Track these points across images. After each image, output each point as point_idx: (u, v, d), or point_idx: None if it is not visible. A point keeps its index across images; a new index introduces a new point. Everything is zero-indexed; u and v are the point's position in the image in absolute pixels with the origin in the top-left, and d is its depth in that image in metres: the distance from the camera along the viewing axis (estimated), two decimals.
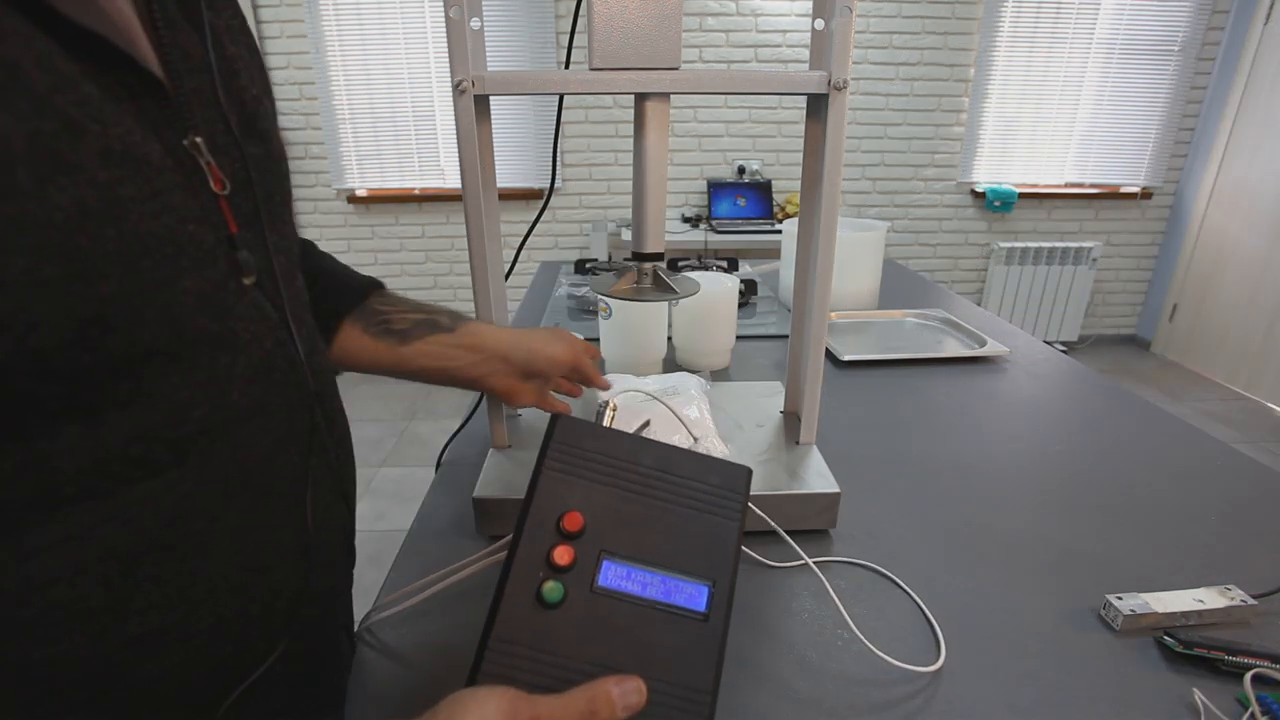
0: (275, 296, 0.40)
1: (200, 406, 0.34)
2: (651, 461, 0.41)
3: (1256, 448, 2.68)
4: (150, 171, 0.31)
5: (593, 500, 0.39)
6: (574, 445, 0.40)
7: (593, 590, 0.37)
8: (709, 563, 0.39)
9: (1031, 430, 0.87)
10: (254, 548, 0.39)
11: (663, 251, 0.65)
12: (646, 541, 0.39)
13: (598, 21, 0.54)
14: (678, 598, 0.38)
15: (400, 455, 2.62)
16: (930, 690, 0.48)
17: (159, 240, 0.31)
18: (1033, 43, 3.25)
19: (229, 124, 0.37)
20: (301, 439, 0.42)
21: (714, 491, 0.41)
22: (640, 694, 0.35)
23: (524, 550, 0.38)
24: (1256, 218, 3.11)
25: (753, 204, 3.27)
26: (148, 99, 0.32)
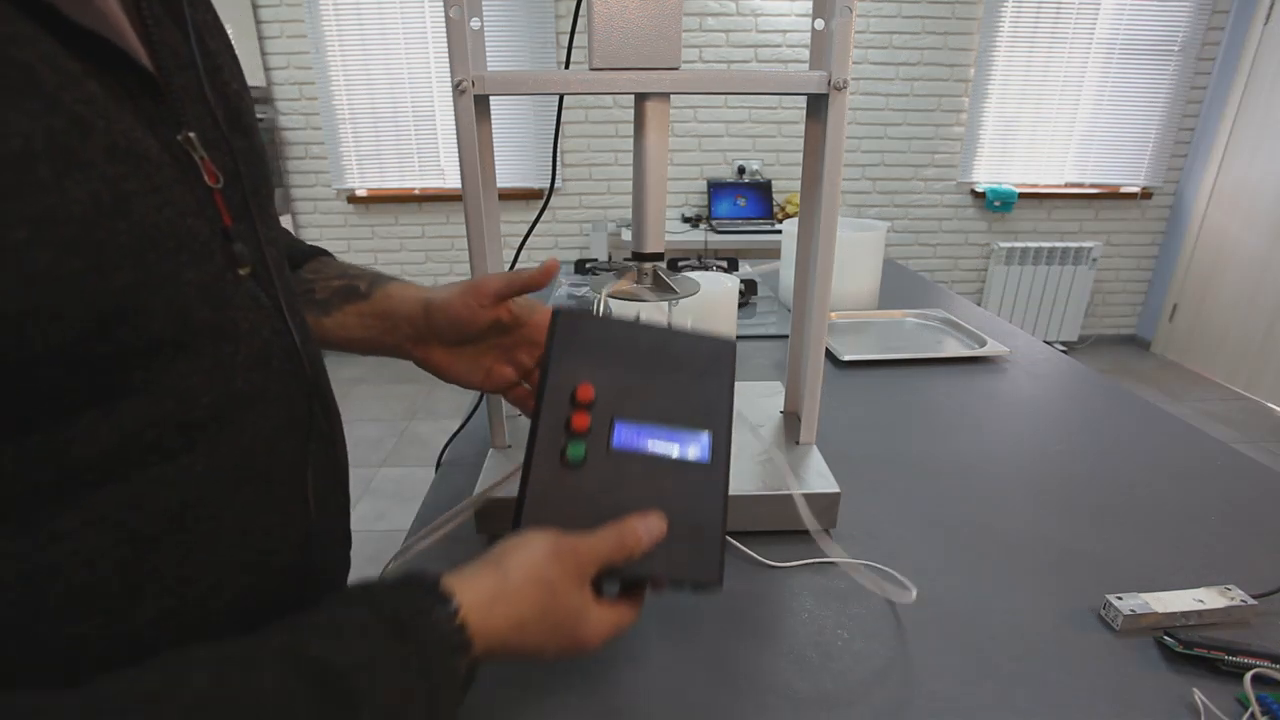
0: (269, 287, 0.41)
1: (208, 393, 0.35)
2: (647, 339, 0.47)
3: (1256, 448, 2.68)
4: (150, 167, 0.32)
5: (599, 375, 0.45)
6: (577, 333, 0.46)
7: (609, 450, 0.43)
8: (707, 418, 0.46)
9: (1031, 430, 0.87)
10: (260, 530, 0.40)
11: (663, 251, 0.65)
12: (651, 405, 0.45)
13: (598, 21, 0.54)
14: (684, 448, 0.45)
15: (400, 455, 2.63)
16: (930, 690, 0.48)
17: (162, 234, 0.32)
18: (1033, 43, 3.26)
19: (216, 119, 0.38)
20: (301, 425, 0.43)
21: (705, 359, 0.47)
22: (661, 526, 0.42)
23: (545, 421, 0.43)
24: (1256, 218, 3.11)
25: (753, 204, 3.27)
26: (144, 97, 0.33)
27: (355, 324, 0.58)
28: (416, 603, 0.35)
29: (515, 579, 0.37)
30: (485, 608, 0.36)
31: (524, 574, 0.37)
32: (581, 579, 0.39)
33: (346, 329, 0.59)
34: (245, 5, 3.07)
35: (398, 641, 0.33)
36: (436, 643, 0.34)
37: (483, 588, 0.36)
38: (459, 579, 0.37)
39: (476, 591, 0.36)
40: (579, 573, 0.39)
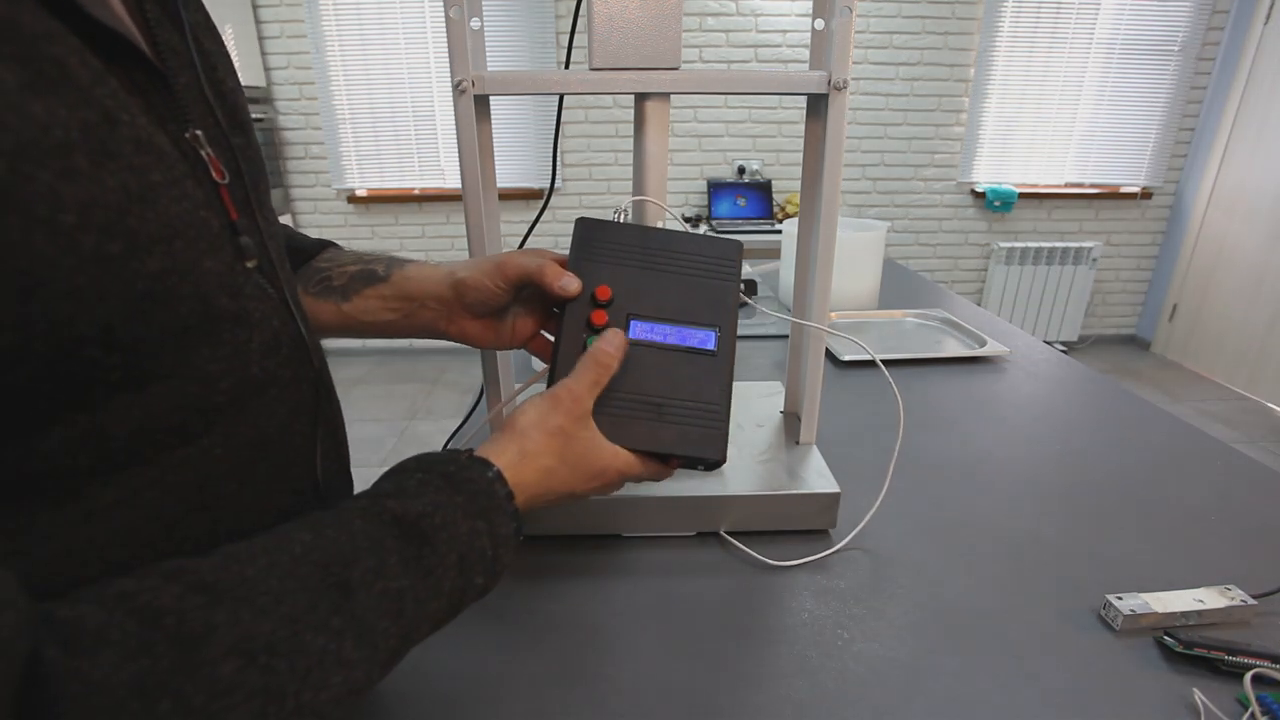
0: (274, 279, 0.42)
1: (227, 378, 0.37)
2: (659, 243, 0.52)
3: (1256, 448, 2.68)
4: (168, 161, 0.33)
5: (617, 277, 0.51)
6: (596, 238, 0.52)
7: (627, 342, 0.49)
8: (714, 314, 0.51)
9: (1031, 430, 0.87)
10: (276, 510, 0.42)
11: None
12: (664, 303, 0.51)
13: (598, 21, 0.54)
14: (692, 341, 0.50)
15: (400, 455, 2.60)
16: (930, 690, 0.48)
17: (184, 223, 0.33)
18: (1033, 43, 3.26)
19: (217, 118, 0.40)
20: (309, 409, 0.45)
21: (712, 260, 0.52)
22: (618, 336, 0.48)
23: (569, 317, 0.50)
24: (1256, 218, 3.11)
25: (753, 204, 3.27)
26: (153, 94, 0.35)
27: (377, 306, 0.58)
28: (465, 464, 0.40)
29: (533, 436, 0.43)
30: (516, 465, 0.41)
31: (538, 430, 0.43)
32: (583, 414, 0.45)
33: (369, 312, 0.59)
34: (245, 5, 3.07)
35: (454, 492, 0.38)
36: (486, 493, 0.39)
37: (509, 450, 0.42)
38: (488, 449, 0.42)
39: (505, 454, 0.42)
40: (579, 409, 0.45)
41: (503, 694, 0.48)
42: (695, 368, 0.49)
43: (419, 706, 0.47)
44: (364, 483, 0.42)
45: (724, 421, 0.49)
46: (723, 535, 0.64)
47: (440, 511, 0.37)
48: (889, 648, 0.52)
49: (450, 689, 0.49)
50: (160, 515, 0.35)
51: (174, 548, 0.36)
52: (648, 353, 0.49)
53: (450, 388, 3.19)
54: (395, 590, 0.34)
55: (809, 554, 0.62)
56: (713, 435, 0.48)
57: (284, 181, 3.38)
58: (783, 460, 0.69)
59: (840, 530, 0.66)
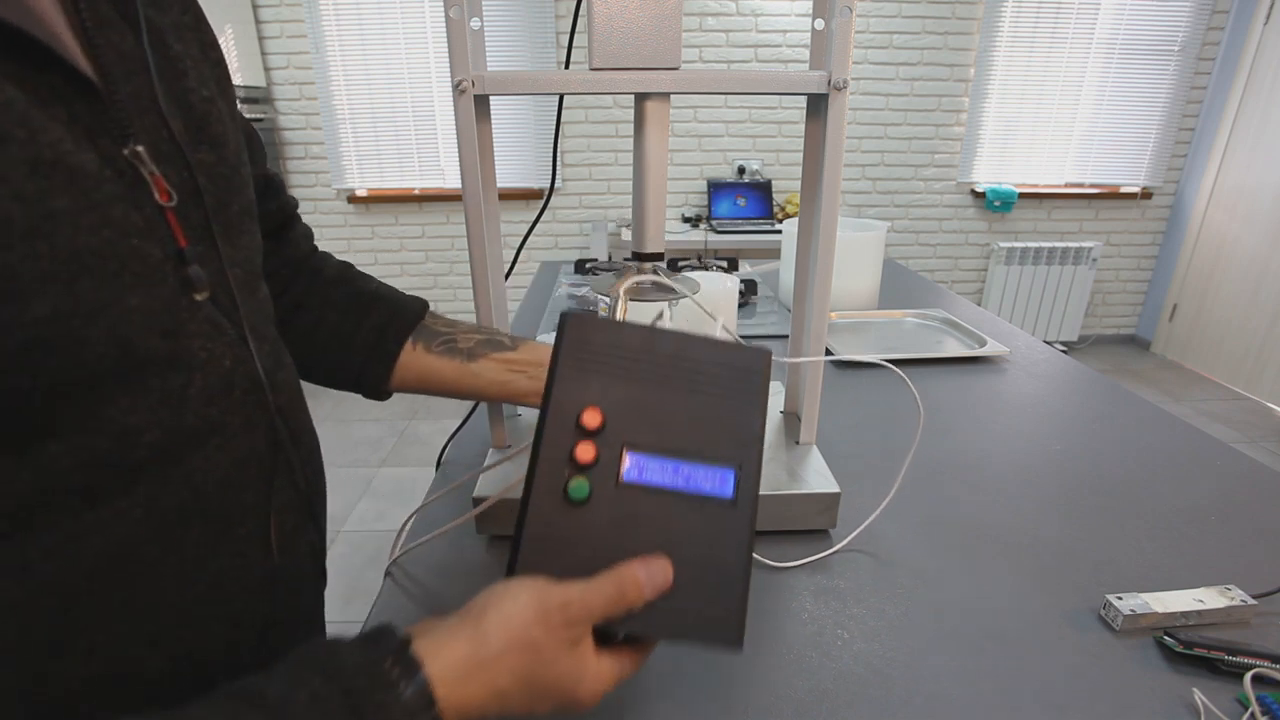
0: (231, 311, 0.38)
1: (152, 430, 0.32)
2: (667, 350, 0.40)
3: (1256, 448, 2.68)
4: (87, 182, 0.29)
5: (611, 394, 0.39)
6: (587, 341, 0.40)
7: (618, 484, 0.38)
8: (734, 447, 0.39)
9: (1031, 430, 0.86)
10: (213, 577, 0.37)
11: (663, 251, 0.65)
12: (668, 431, 0.39)
13: (598, 21, 0.54)
14: (704, 484, 0.39)
15: (400, 455, 2.62)
16: (930, 690, 0.48)
17: (99, 256, 0.29)
18: (1033, 43, 3.25)
19: (172, 131, 0.35)
20: (264, 459, 0.40)
21: (734, 375, 0.41)
22: (666, 574, 0.35)
23: (546, 451, 0.38)
24: (1256, 218, 3.11)
25: (753, 204, 3.27)
26: (79, 104, 0.30)
27: (498, 369, 0.58)
28: (381, 675, 0.29)
29: (495, 644, 0.31)
30: (459, 679, 0.30)
31: (505, 638, 0.32)
32: (572, 639, 0.33)
33: (493, 373, 0.59)
34: (245, 5, 3.07)
35: None
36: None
37: (457, 655, 0.31)
38: (432, 643, 0.31)
39: (449, 660, 0.31)
40: (569, 633, 0.33)
41: None
42: (708, 522, 0.38)
43: None
44: (362, 483, 0.41)
45: (743, 597, 0.37)
46: None
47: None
48: (889, 648, 0.52)
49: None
50: (57, 590, 0.30)
51: (74, 627, 0.31)
52: (646, 499, 0.38)
53: None
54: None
55: (809, 555, 0.62)
56: (727, 616, 0.37)
57: (284, 182, 3.37)
58: (783, 460, 0.69)
59: (840, 530, 0.66)
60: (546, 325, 1.22)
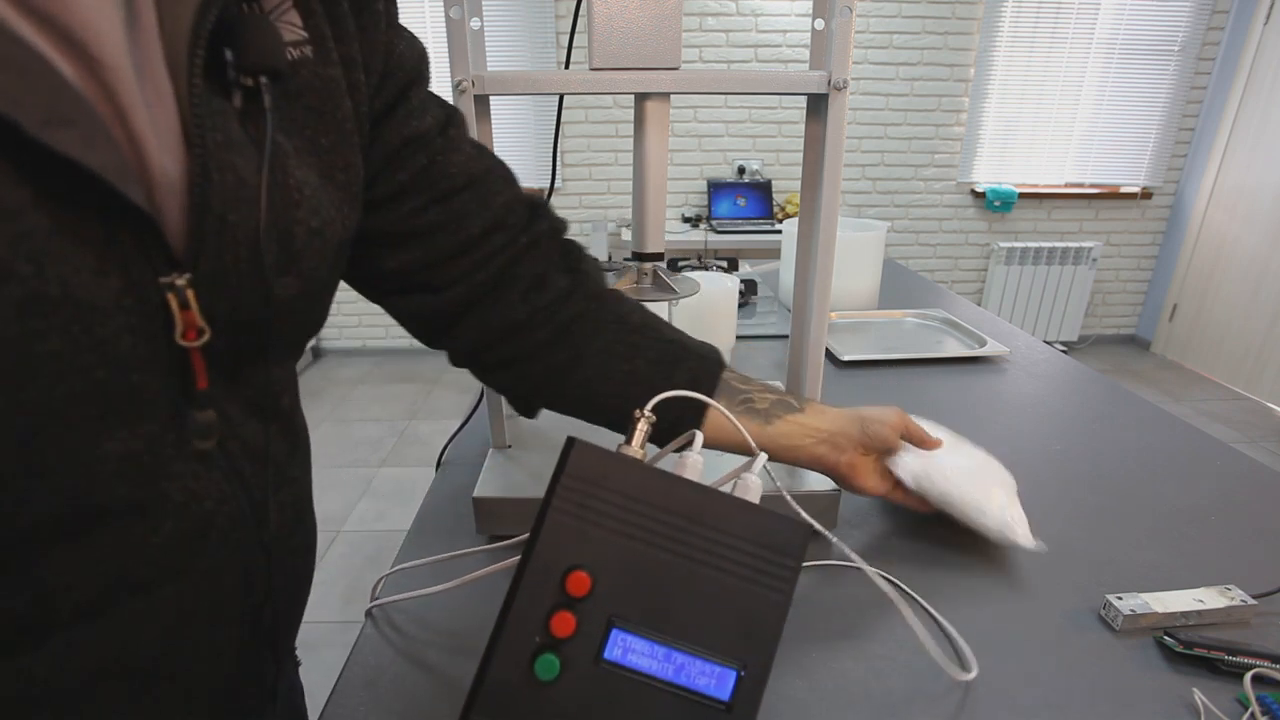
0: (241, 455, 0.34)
1: (85, 588, 0.28)
2: (685, 508, 0.34)
3: (1256, 448, 2.68)
4: (92, 318, 0.25)
5: (607, 554, 0.33)
6: (590, 480, 0.33)
7: (597, 664, 0.32)
8: (742, 642, 0.33)
9: (1031, 430, 0.86)
10: None
11: (663, 251, 0.65)
12: (667, 609, 0.33)
13: (598, 21, 0.54)
14: (698, 681, 0.32)
15: (400, 455, 2.63)
16: (930, 690, 0.48)
17: (80, 399, 0.25)
18: (1033, 43, 3.26)
19: (261, 259, 0.31)
20: (224, 603, 0.34)
21: (761, 552, 0.34)
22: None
23: (518, 611, 0.32)
24: (1256, 218, 3.11)
25: (753, 204, 3.27)
26: (123, 230, 0.26)
27: (795, 434, 0.56)
28: None
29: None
30: None
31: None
32: None
33: (787, 438, 0.56)
34: None
35: None
36: None
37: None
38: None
39: None
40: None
41: None
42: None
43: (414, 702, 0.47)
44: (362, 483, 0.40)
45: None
46: None
47: None
48: (889, 648, 0.52)
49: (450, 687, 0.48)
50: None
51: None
52: (626, 687, 0.32)
53: (450, 388, 3.19)
54: None
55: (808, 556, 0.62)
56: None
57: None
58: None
59: (840, 531, 0.66)
60: None
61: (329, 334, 3.57)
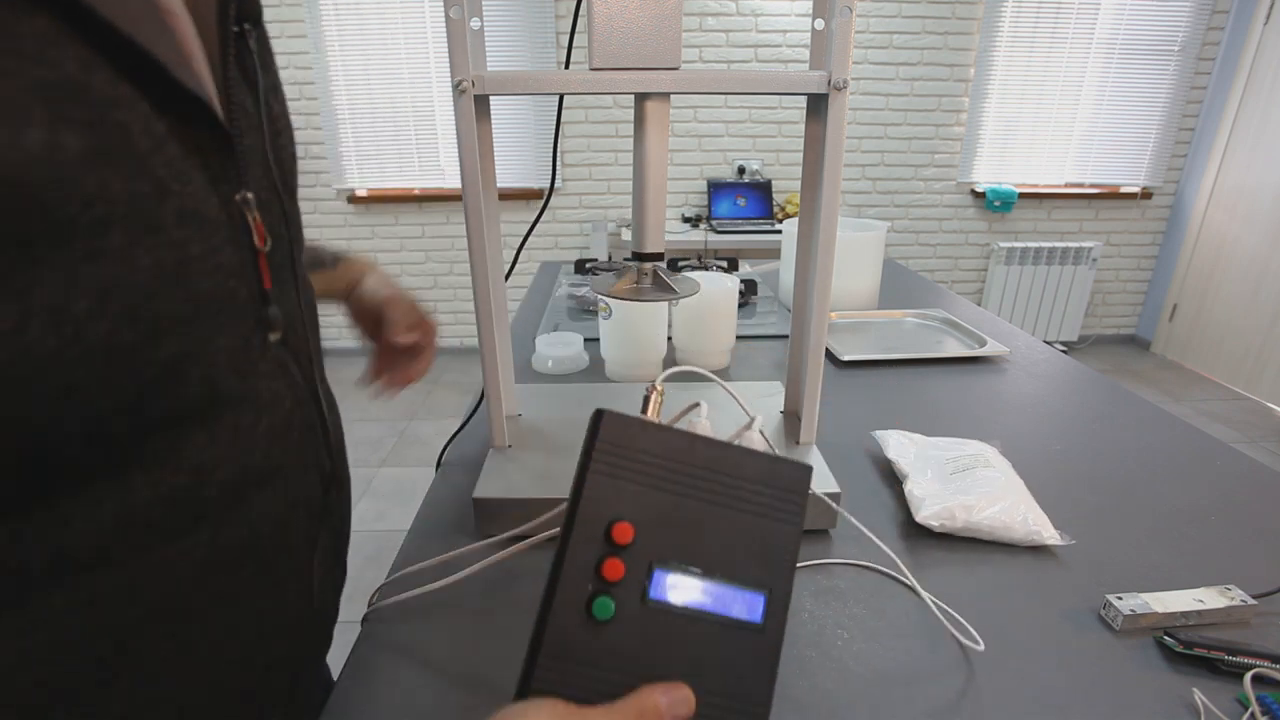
0: (300, 353, 0.40)
1: (223, 468, 0.33)
2: (704, 461, 0.38)
3: (1256, 448, 2.68)
4: (210, 229, 0.31)
5: (642, 505, 0.37)
6: (620, 444, 0.37)
7: (644, 602, 0.36)
8: (766, 570, 0.38)
9: (1031, 430, 0.87)
10: (255, 617, 0.38)
11: (663, 251, 0.65)
12: (699, 549, 0.37)
13: (598, 21, 0.54)
14: (733, 608, 0.37)
15: (400, 455, 2.62)
16: (930, 690, 0.48)
17: (210, 298, 0.31)
18: (1033, 43, 3.26)
19: (274, 181, 0.38)
20: (315, 504, 0.41)
21: (772, 493, 0.39)
22: (689, 704, 0.34)
23: (571, 562, 0.36)
24: (1256, 218, 3.11)
25: (753, 204, 3.27)
26: (213, 155, 0.33)
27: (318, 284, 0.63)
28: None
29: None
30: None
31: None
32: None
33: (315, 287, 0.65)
34: None
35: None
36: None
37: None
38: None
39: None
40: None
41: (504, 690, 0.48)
42: (733, 646, 0.36)
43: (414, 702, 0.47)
44: (362, 483, 0.42)
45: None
46: None
47: None
48: (889, 648, 0.52)
49: (450, 687, 0.48)
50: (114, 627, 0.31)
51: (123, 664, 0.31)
52: (672, 621, 0.36)
53: (450, 388, 3.19)
54: None
55: (808, 556, 0.62)
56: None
57: None
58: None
59: (840, 531, 0.66)
60: (546, 325, 1.22)
61: (329, 334, 3.57)
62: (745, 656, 0.36)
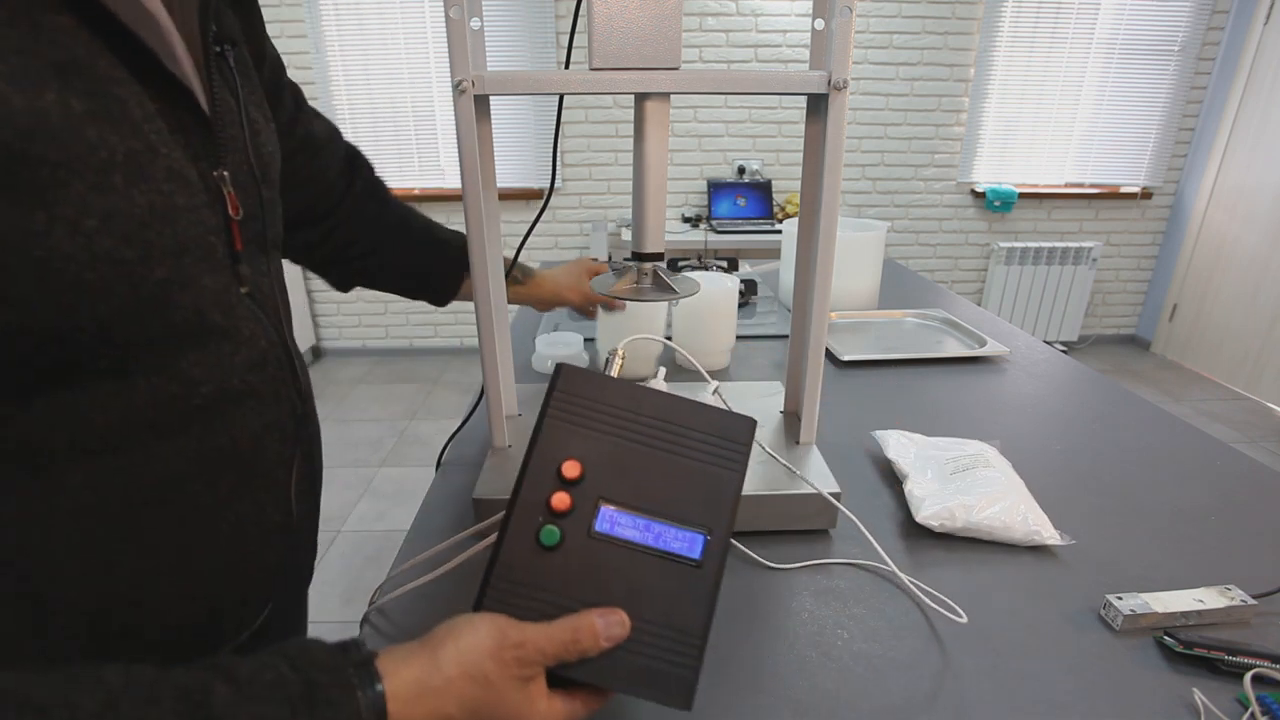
0: (269, 310, 0.47)
1: (208, 384, 0.41)
2: (653, 411, 0.42)
3: (1256, 448, 2.68)
4: (192, 190, 0.39)
5: (593, 448, 0.41)
6: (577, 394, 0.42)
7: (590, 535, 0.39)
8: (707, 512, 0.40)
9: (1031, 430, 0.87)
10: (239, 518, 0.45)
11: (663, 251, 0.65)
12: (644, 489, 0.40)
13: (598, 21, 0.54)
14: (673, 544, 0.40)
15: (400, 455, 2.62)
16: (930, 690, 0.48)
17: (194, 243, 0.39)
18: (1033, 43, 3.25)
19: (252, 168, 0.46)
20: (287, 431, 0.48)
21: (716, 442, 0.42)
22: (623, 626, 0.38)
23: (525, 495, 0.40)
24: (1256, 218, 3.11)
25: (753, 204, 3.26)
26: (195, 136, 0.41)
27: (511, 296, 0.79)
28: (343, 677, 0.32)
29: (447, 671, 0.34)
30: (410, 698, 0.33)
31: (458, 668, 0.34)
32: (524, 677, 0.35)
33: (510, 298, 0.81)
34: None
35: (304, 709, 0.31)
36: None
37: (411, 676, 0.33)
38: (391, 662, 0.34)
39: (405, 680, 0.33)
40: (520, 670, 0.35)
41: None
42: (672, 580, 0.39)
43: None
44: (362, 483, 0.43)
45: (698, 659, 0.39)
46: None
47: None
48: (889, 648, 0.52)
49: None
50: (124, 502, 0.38)
51: (131, 533, 0.39)
52: (615, 552, 0.39)
53: (450, 388, 3.19)
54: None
55: (809, 556, 0.62)
56: (680, 676, 0.38)
57: None
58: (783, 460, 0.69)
59: (840, 531, 0.66)
60: (546, 325, 1.22)
61: (329, 334, 3.57)
62: (684, 591, 0.39)
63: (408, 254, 0.80)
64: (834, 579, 0.60)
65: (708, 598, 0.39)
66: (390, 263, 0.79)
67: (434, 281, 0.83)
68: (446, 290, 0.84)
